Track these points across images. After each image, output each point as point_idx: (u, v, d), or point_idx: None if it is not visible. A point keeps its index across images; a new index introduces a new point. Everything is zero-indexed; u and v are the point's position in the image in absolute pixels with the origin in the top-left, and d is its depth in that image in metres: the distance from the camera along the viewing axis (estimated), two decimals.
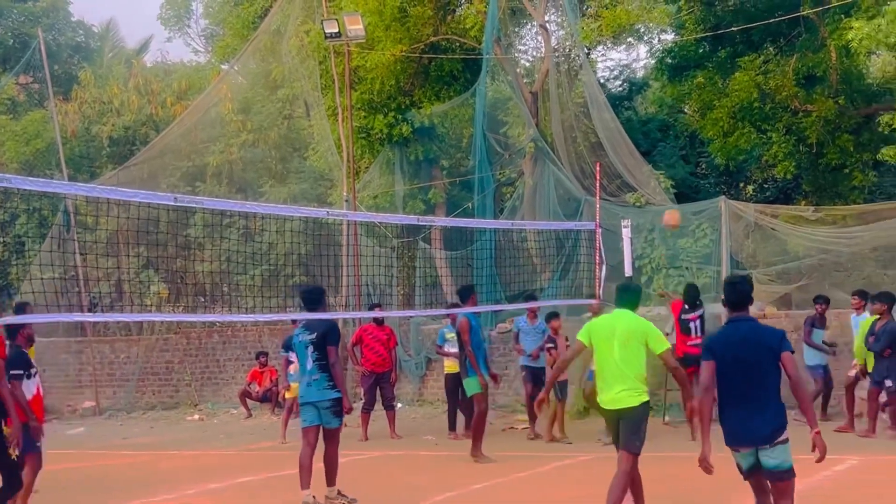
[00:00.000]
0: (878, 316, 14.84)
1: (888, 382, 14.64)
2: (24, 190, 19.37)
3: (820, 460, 7.00)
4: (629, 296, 9.38)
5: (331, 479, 10.72)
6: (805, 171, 23.95)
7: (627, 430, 9.00)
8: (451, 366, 16.54)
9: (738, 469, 7.32)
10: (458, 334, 13.83)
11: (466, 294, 14.06)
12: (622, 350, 8.93)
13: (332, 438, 10.69)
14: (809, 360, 16.29)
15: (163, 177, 25.35)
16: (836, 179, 23.27)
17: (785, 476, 7.14)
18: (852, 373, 15.73)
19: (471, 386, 13.45)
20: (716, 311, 18.32)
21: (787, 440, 7.13)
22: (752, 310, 18.23)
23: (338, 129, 22.20)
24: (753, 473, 7.25)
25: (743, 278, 8.00)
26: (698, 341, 15.23)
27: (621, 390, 8.94)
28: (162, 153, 25.37)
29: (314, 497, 10.48)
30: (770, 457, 7.10)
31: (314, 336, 10.58)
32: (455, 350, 16.56)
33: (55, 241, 23.20)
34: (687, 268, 19.23)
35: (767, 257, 19.98)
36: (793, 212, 20.44)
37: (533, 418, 16.24)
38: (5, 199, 25.18)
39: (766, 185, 28.50)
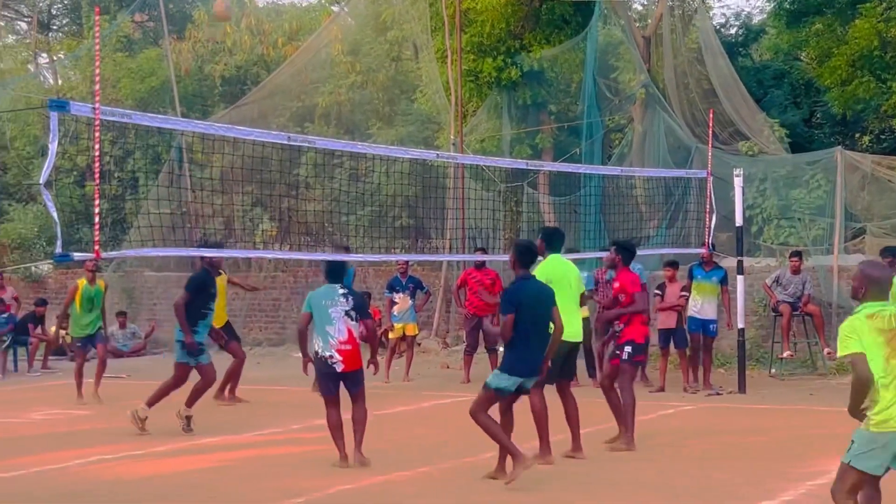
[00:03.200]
0: None
1: None
2: (140, 126, 19.73)
3: None
4: (561, 239, 10.49)
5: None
6: None
7: (573, 361, 10.43)
8: None
9: (501, 394, 9.05)
10: None
11: None
12: (576, 290, 10.28)
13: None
14: None
15: (273, 117, 25.56)
16: None
17: None
18: None
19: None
20: (826, 262, 18.04)
21: None
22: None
23: (446, 72, 22.13)
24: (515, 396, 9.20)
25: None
26: None
27: (579, 325, 10.30)
28: (272, 93, 25.59)
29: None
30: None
31: None
32: None
33: (168, 177, 23.66)
34: (799, 219, 18.86)
35: (883, 210, 19.46)
36: None
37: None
38: (121, 135, 25.69)
39: (882, 136, 27.70)
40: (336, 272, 10.18)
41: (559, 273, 10.01)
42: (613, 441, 10.69)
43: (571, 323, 9.88)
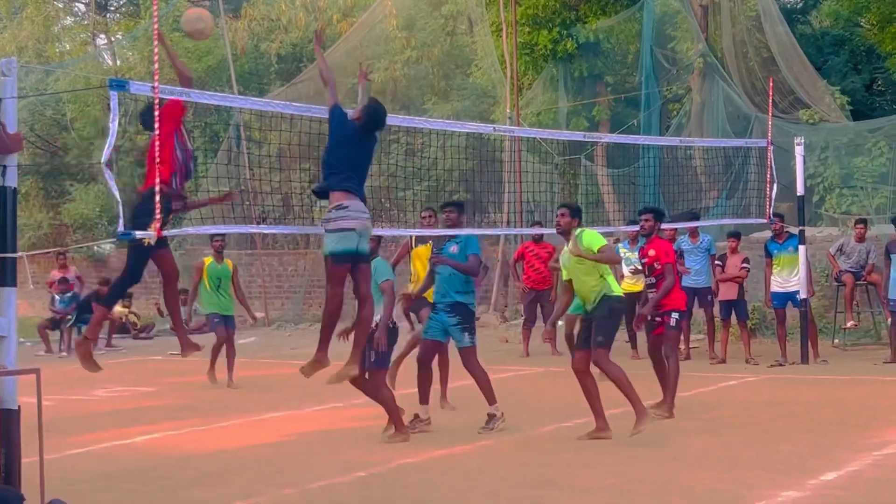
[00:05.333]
0: None
1: None
2: (199, 105, 19.81)
3: None
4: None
5: None
6: None
7: None
8: (625, 286, 16.49)
9: None
10: None
11: None
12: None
13: None
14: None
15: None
16: None
17: None
18: None
19: None
20: (889, 231, 17.74)
21: None
22: None
23: (501, 46, 22.04)
24: None
25: None
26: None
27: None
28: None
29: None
30: None
31: None
32: (622, 271, 16.46)
33: (227, 155, 23.81)
34: (861, 187, 18.59)
35: None
36: None
37: (711, 338, 16.10)
38: None
39: None
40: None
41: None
42: (657, 407, 10.65)
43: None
